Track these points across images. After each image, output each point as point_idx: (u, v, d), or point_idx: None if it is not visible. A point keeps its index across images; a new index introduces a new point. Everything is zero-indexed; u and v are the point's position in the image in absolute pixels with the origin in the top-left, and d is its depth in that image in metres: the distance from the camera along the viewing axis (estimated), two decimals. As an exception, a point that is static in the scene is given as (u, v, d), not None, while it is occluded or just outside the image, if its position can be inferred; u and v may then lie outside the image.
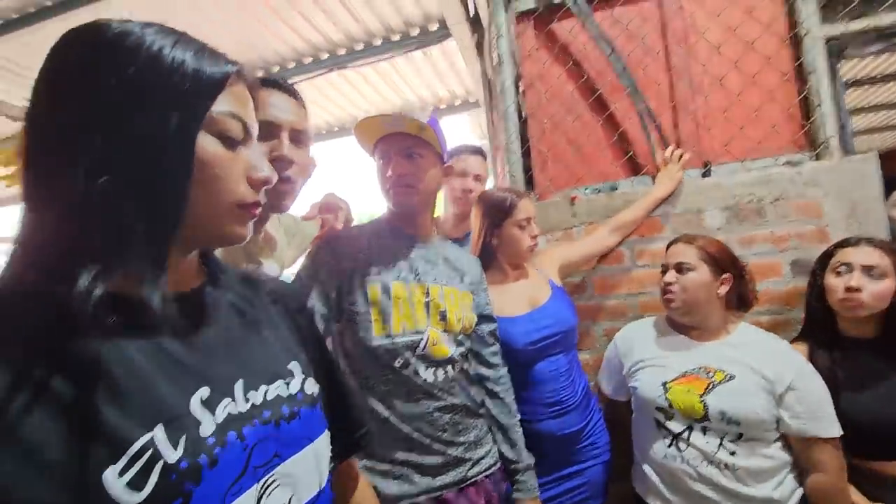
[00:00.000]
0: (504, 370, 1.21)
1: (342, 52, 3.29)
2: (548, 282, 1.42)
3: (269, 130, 0.89)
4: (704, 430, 1.12)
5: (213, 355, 0.50)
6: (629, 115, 1.71)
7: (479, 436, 1.11)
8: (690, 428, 1.14)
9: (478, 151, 1.77)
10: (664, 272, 1.27)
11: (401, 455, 1.01)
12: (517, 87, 1.81)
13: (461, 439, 1.06)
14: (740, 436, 1.10)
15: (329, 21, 2.99)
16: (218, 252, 0.88)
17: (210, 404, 0.46)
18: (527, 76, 1.85)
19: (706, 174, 1.64)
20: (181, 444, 0.42)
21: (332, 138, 4.57)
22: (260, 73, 3.45)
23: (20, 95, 3.46)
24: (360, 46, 3.24)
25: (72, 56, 0.44)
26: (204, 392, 0.46)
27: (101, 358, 0.41)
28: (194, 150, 0.45)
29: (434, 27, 3.10)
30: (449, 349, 1.07)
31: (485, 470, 1.09)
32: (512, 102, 1.77)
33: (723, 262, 1.22)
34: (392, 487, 0.99)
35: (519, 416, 1.19)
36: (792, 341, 1.35)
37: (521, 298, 1.37)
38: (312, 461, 0.55)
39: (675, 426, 1.16)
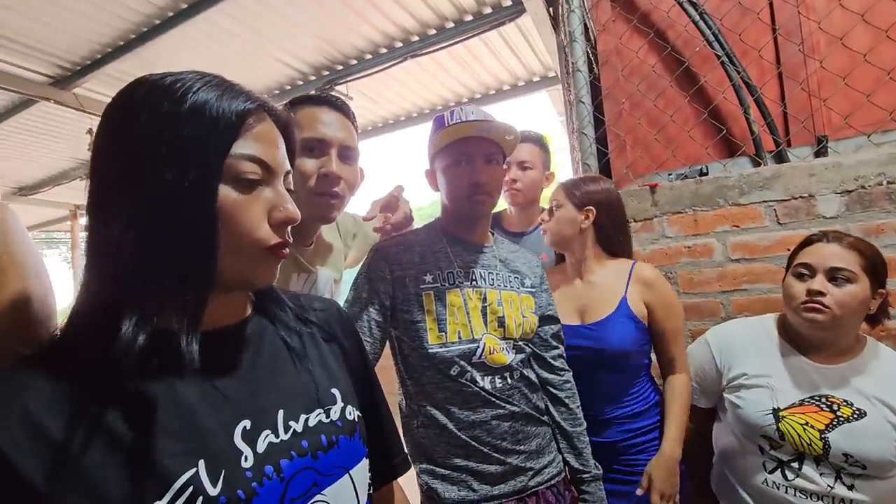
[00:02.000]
0: (569, 374, 1.15)
1: (415, 39, 3.28)
2: (619, 300, 1.23)
3: (320, 147, 0.92)
4: (818, 462, 0.99)
5: (256, 386, 0.52)
6: (723, 87, 1.51)
7: (541, 444, 1.07)
8: (801, 457, 1.01)
9: (523, 137, 1.67)
10: (804, 275, 1.04)
11: (459, 461, 1.01)
12: (591, 66, 1.68)
13: (522, 448, 1.03)
14: (860, 475, 0.96)
15: (401, 9, 2.99)
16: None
17: (251, 437, 0.48)
18: (602, 52, 1.70)
19: (820, 153, 1.40)
20: (221, 479, 0.44)
21: (409, 126, 4.65)
22: (339, 67, 3.58)
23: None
24: (432, 32, 3.21)
25: (110, 117, 0.47)
26: (246, 424, 0.48)
27: (149, 397, 0.44)
28: (216, 198, 0.46)
29: (507, 3, 2.97)
30: (507, 357, 1.04)
31: (547, 480, 1.05)
32: (584, 83, 1.64)
33: (882, 273, 1.00)
34: (451, 493, 1.00)
35: (585, 424, 1.14)
36: None
37: (572, 307, 1.28)
38: (350, 489, 0.56)
39: (783, 455, 1.03)
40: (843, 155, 1.35)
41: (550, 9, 2.58)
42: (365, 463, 0.60)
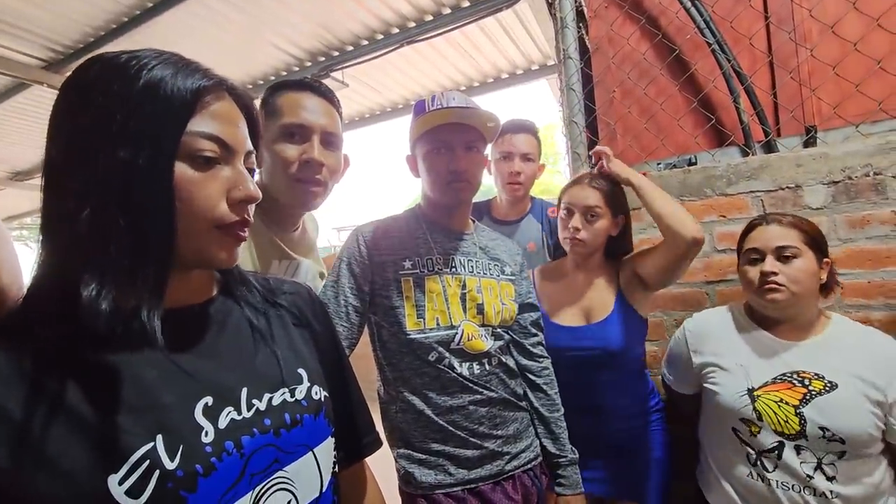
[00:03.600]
0: (547, 361, 1.16)
1: (412, 25, 3.24)
2: (615, 296, 1.26)
3: (302, 133, 0.91)
4: (798, 449, 0.99)
5: (220, 364, 0.52)
6: (713, 76, 1.49)
7: (518, 429, 1.08)
8: (781, 445, 1.01)
9: (524, 128, 1.65)
10: (756, 260, 1.08)
11: (436, 446, 1.01)
12: (582, 53, 1.66)
13: (499, 433, 1.04)
14: (842, 454, 0.96)
15: (397, -6, 2.95)
16: (250, 250, 0.92)
17: (213, 413, 0.48)
18: (594, 38, 1.68)
19: (809, 143, 1.39)
20: (179, 453, 0.44)
21: (407, 114, 4.60)
22: (335, 53, 3.54)
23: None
24: (428, 17, 3.17)
25: (65, 94, 0.47)
26: (207, 401, 0.49)
27: (108, 373, 0.44)
28: (172, 176, 0.46)
29: (504, -11, 2.93)
30: (486, 344, 1.04)
31: (524, 464, 1.06)
32: (575, 70, 1.63)
33: (822, 243, 1.05)
34: (428, 477, 1.01)
35: (562, 410, 1.15)
36: None
37: (577, 308, 1.29)
38: (313, 467, 0.56)
39: (762, 442, 1.03)
40: (830, 145, 1.34)
41: (547, -6, 2.55)
42: (330, 442, 0.60)
